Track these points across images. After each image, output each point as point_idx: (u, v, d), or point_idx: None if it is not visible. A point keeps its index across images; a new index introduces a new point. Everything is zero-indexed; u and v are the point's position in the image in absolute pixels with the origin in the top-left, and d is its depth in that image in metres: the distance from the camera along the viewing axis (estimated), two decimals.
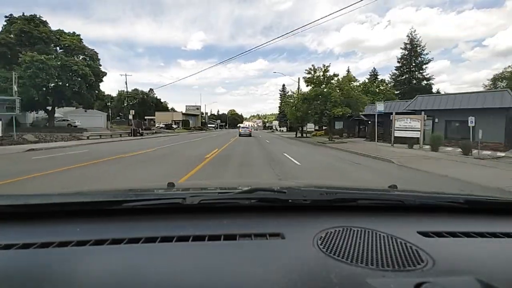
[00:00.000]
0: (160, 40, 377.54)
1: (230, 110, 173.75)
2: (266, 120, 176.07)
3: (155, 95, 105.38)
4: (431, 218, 0.92)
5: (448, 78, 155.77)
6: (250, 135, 31.43)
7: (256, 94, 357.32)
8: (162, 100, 77.06)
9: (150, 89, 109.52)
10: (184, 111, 75.14)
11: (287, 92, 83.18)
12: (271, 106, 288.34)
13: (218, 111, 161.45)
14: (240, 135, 30.98)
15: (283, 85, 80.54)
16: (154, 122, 62.93)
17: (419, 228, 0.80)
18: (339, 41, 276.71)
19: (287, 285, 0.51)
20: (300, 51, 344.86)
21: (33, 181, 6.05)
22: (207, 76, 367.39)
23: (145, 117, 70.46)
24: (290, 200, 0.91)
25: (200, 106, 75.46)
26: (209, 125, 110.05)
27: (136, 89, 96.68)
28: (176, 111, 70.75)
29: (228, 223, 0.81)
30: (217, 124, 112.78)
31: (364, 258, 0.61)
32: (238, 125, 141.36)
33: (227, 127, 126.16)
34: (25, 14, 26.41)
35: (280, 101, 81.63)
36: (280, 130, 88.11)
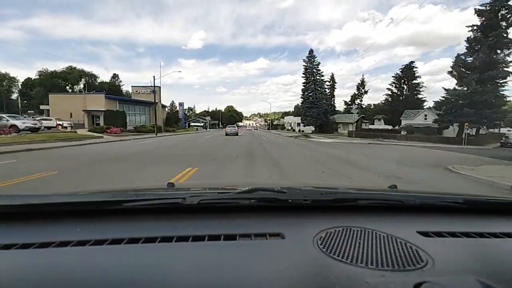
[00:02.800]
0: (161, 40, 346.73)
1: (228, 107, 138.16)
2: (268, 118, 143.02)
3: (119, 82, 70.73)
4: (431, 218, 0.88)
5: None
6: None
7: (257, 93, 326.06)
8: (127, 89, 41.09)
9: (114, 74, 75.52)
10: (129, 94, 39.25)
11: (315, 58, 46.58)
12: (272, 105, 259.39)
13: (216, 109, 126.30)
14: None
15: (311, 51, 44.85)
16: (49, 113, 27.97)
17: (419, 228, 0.77)
18: (341, 39, 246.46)
19: (287, 285, 0.50)
20: (302, 49, 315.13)
21: None
22: (208, 75, 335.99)
23: (40, 108, 35.69)
24: (290, 200, 0.87)
25: (158, 87, 39.78)
26: (192, 124, 77.10)
27: (72, 68, 61.58)
28: (93, 93, 34.75)
29: (228, 223, 0.78)
30: (206, 123, 78.74)
31: (364, 258, 0.59)
32: (236, 124, 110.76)
33: (221, 126, 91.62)
34: None
35: (305, 80, 45.67)
36: (299, 130, 52.79)
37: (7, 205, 0.80)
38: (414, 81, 42.17)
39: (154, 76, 27.71)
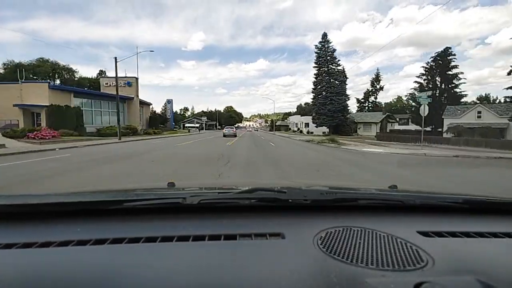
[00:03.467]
0: (160, 41, 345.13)
1: (227, 107, 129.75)
2: (269, 118, 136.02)
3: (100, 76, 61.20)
4: (431, 218, 0.87)
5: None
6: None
7: (257, 94, 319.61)
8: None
9: (101, 70, 66.50)
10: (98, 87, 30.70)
11: (330, 43, 35.58)
12: (272, 107, 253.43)
13: (215, 109, 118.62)
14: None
15: (324, 35, 36.31)
16: None
17: (419, 228, 0.76)
18: (340, 40, 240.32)
19: (287, 284, 0.49)
20: (301, 50, 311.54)
21: None
22: (208, 76, 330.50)
23: None
24: (290, 200, 0.86)
25: (135, 78, 31.14)
26: (188, 125, 69.40)
27: (42, 59, 52.58)
28: (31, 80, 26.32)
29: (228, 223, 0.78)
30: (203, 124, 70.57)
31: (364, 258, 0.58)
32: (237, 125, 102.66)
33: (218, 127, 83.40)
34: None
35: (317, 71, 37.30)
36: (308, 132, 44.61)
37: (8, 204, 0.79)
38: (450, 72, 33.98)
39: (116, 58, 19.33)
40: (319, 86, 36.07)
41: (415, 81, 36.07)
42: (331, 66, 35.24)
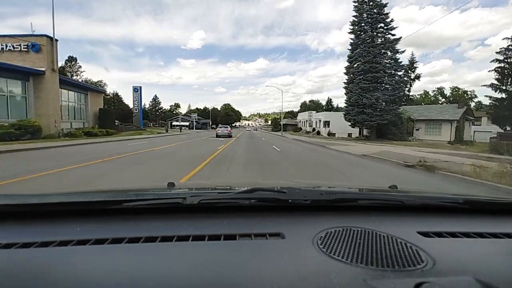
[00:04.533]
0: (160, 39, 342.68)
1: (224, 105, 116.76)
2: (269, 118, 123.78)
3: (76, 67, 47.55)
4: (431, 218, 0.87)
5: (449, 78, 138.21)
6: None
7: (256, 93, 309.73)
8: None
9: (69, 56, 53.22)
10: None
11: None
12: (271, 106, 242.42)
13: (212, 107, 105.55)
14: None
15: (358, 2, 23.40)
16: None
17: (419, 228, 0.76)
18: (340, 40, 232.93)
19: (287, 285, 0.49)
20: (301, 50, 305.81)
21: None
22: (207, 75, 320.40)
23: None
24: (290, 200, 0.86)
25: (46, 36, 18.53)
26: (175, 123, 56.99)
27: None
28: None
29: (228, 223, 0.78)
30: (193, 122, 57.98)
31: (364, 258, 0.58)
32: (234, 124, 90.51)
33: (213, 126, 70.67)
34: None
35: (353, 38, 23.19)
36: (328, 134, 31.71)
37: (8, 204, 0.79)
38: None
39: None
40: (357, 63, 22.91)
41: (496, 59, 23.47)
42: (380, 29, 22.05)
